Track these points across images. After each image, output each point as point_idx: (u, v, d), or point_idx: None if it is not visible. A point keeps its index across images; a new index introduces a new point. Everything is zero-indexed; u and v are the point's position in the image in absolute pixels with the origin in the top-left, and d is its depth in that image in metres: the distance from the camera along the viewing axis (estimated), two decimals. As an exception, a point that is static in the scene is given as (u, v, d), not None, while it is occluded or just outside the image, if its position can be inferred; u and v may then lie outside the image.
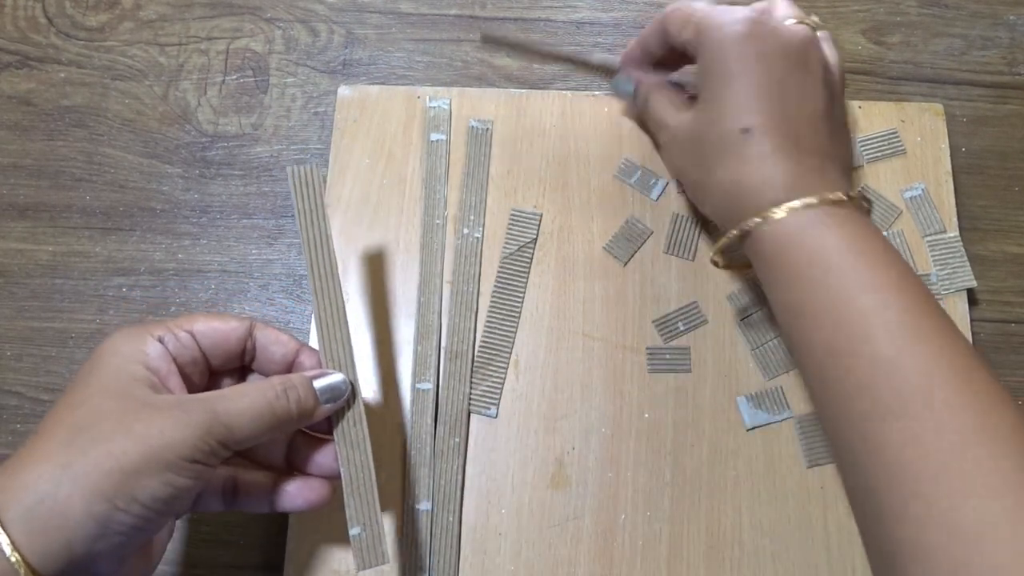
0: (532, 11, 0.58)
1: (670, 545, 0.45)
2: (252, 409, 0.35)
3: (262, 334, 0.39)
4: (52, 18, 0.57)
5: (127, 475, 0.31)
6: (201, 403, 0.34)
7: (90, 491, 0.30)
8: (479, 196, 0.52)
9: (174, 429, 0.32)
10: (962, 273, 0.50)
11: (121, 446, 0.31)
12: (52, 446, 0.32)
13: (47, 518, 0.30)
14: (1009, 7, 0.58)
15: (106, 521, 0.31)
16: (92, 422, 0.32)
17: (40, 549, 0.30)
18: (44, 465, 0.31)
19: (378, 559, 0.38)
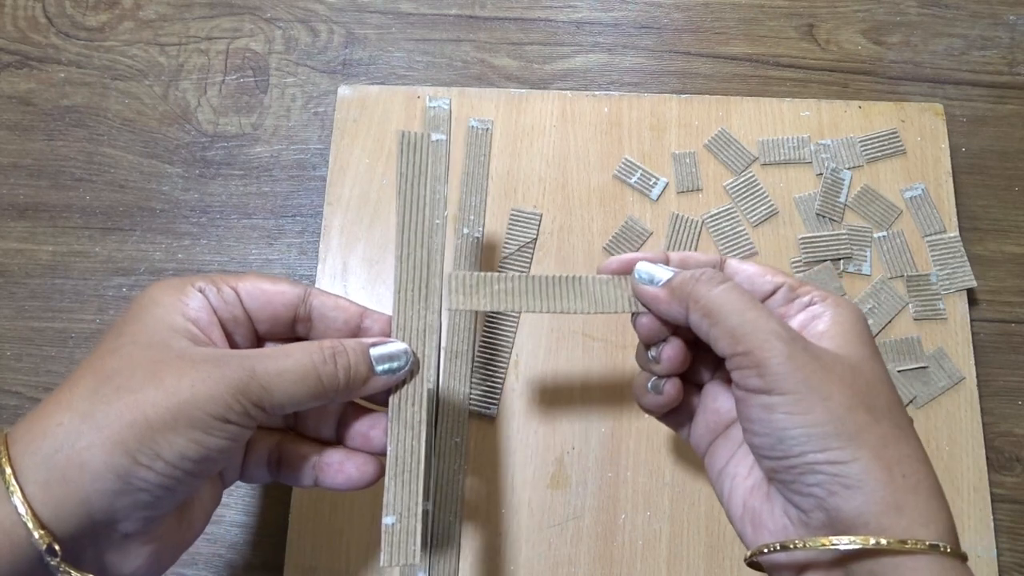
0: (532, 11, 0.58)
1: (670, 545, 0.45)
2: (295, 371, 0.31)
3: (319, 300, 0.35)
4: (52, 18, 0.57)
5: (152, 429, 0.28)
6: (239, 359, 0.31)
7: (111, 442, 0.28)
8: (479, 196, 0.52)
9: (206, 384, 0.30)
10: (962, 273, 0.50)
11: (149, 398, 0.29)
12: (76, 394, 0.29)
13: (64, 468, 0.28)
14: (1009, 7, 0.58)
15: (127, 476, 0.28)
16: (121, 371, 0.30)
17: (55, 501, 0.28)
18: (65, 413, 0.29)
19: (407, 556, 0.33)
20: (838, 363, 0.31)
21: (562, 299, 0.37)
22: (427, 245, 0.37)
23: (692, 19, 0.58)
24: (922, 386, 0.48)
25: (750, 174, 0.52)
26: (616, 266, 0.37)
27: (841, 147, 0.52)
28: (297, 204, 0.53)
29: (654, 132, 0.53)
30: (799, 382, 0.30)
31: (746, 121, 0.53)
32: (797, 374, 0.30)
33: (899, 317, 0.49)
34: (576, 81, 0.56)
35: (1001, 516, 0.47)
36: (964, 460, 0.47)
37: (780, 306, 0.35)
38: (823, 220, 0.51)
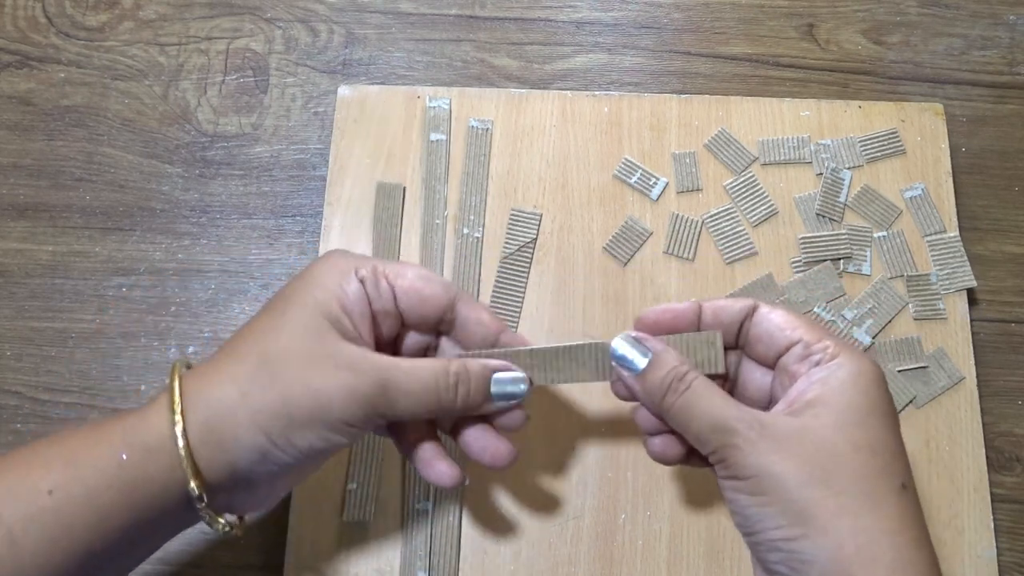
0: (532, 11, 0.58)
1: (670, 545, 0.45)
2: (420, 392, 0.35)
3: (464, 308, 0.38)
4: (52, 18, 0.57)
5: (292, 424, 0.33)
6: (376, 372, 0.34)
7: (258, 426, 0.33)
8: (479, 196, 0.52)
9: (343, 392, 0.33)
10: (962, 273, 0.50)
11: (296, 394, 0.33)
12: (241, 370, 0.34)
13: (219, 435, 0.33)
14: (1009, 7, 0.58)
15: (266, 454, 0.33)
16: (279, 357, 0.34)
17: (208, 458, 0.33)
18: (229, 387, 0.33)
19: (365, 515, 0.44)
20: (801, 439, 0.32)
21: (560, 370, 0.38)
22: None
23: (692, 19, 0.58)
24: (922, 386, 0.48)
25: (750, 174, 0.52)
26: (652, 319, 0.38)
27: (841, 147, 0.52)
28: (297, 204, 0.53)
29: (654, 132, 0.53)
30: (756, 467, 0.32)
31: (746, 121, 0.53)
32: (754, 460, 0.32)
33: (899, 317, 0.49)
34: (576, 81, 0.56)
35: (1001, 516, 0.47)
36: (964, 460, 0.47)
37: (793, 363, 0.35)
38: (823, 220, 0.51)
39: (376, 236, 0.50)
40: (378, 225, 0.50)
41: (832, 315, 0.49)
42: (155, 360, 0.50)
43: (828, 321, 0.49)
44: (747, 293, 0.50)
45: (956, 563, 0.45)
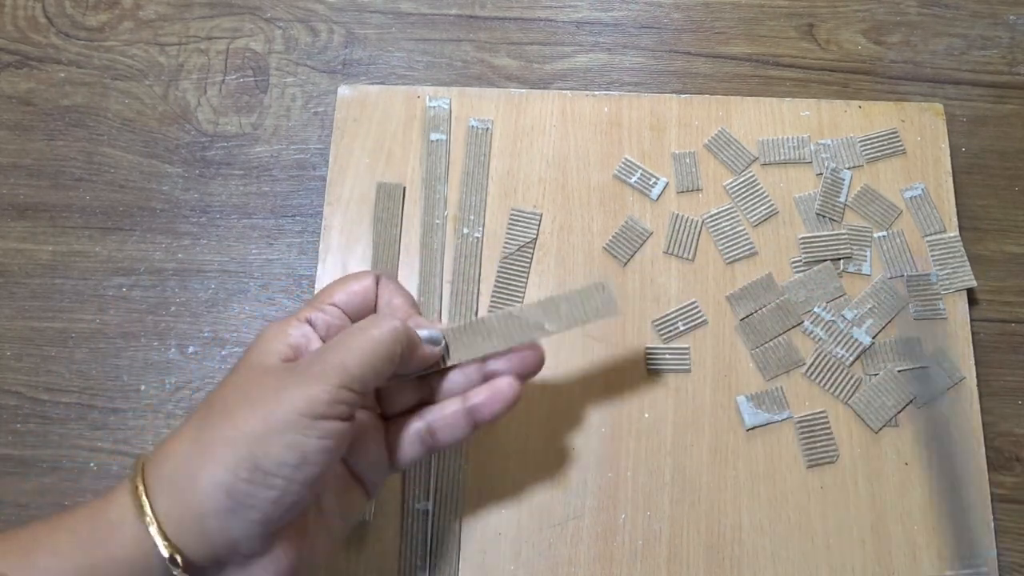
0: (532, 11, 0.58)
1: (670, 545, 0.45)
2: (359, 346, 0.33)
3: (383, 290, 0.38)
4: (52, 18, 0.57)
5: (249, 442, 0.30)
6: (313, 355, 0.33)
7: (214, 460, 0.30)
8: (479, 196, 0.52)
9: (288, 387, 0.32)
10: (962, 273, 0.50)
11: (243, 416, 0.31)
12: (190, 423, 0.32)
13: (181, 489, 0.30)
14: (1009, 7, 0.58)
15: (232, 492, 0.30)
16: (222, 398, 0.33)
17: (176, 518, 0.30)
18: (180, 439, 0.32)
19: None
20: None
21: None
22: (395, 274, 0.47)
23: (692, 19, 0.58)
24: (922, 386, 0.48)
25: (750, 174, 0.52)
26: None
27: (841, 147, 0.52)
28: (297, 204, 0.53)
29: (654, 132, 0.53)
30: None
31: (746, 121, 0.53)
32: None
33: (899, 317, 0.49)
34: (576, 81, 0.56)
35: (1001, 516, 0.47)
36: (964, 460, 0.47)
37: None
38: (823, 220, 0.51)
39: (376, 236, 0.50)
40: (378, 225, 0.50)
41: (832, 315, 0.49)
42: (155, 360, 0.50)
43: (828, 321, 0.49)
44: (747, 293, 0.50)
45: (956, 563, 0.45)
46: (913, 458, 0.47)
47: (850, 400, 0.48)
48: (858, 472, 0.47)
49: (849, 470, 0.47)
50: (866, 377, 0.48)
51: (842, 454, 0.47)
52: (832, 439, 0.47)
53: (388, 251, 0.50)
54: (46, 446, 0.48)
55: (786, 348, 0.49)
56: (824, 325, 0.49)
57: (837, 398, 0.48)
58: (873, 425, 0.47)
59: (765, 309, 0.49)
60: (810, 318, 0.49)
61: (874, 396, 0.48)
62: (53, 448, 0.48)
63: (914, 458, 0.47)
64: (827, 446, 0.47)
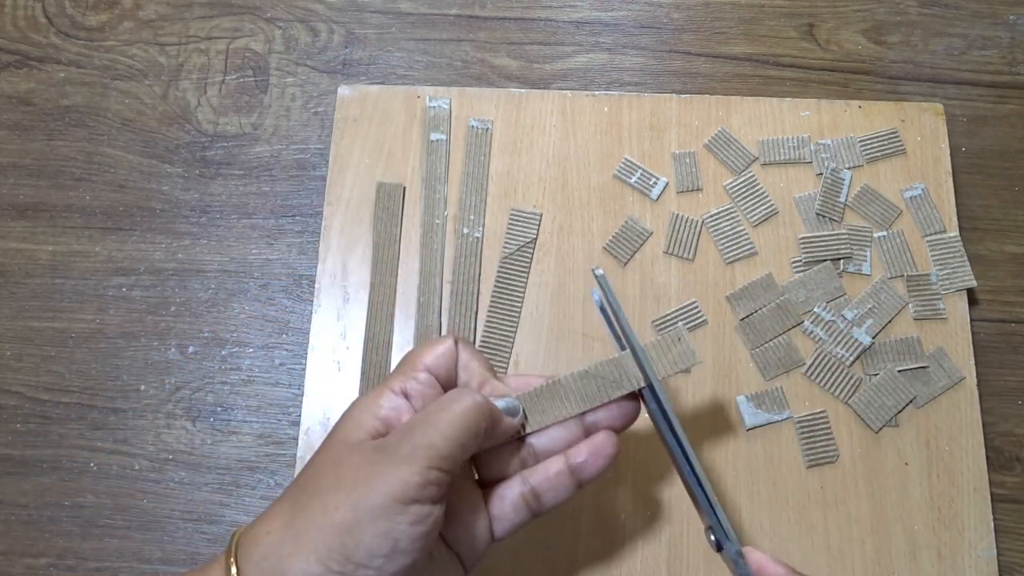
0: (532, 11, 0.58)
1: (670, 545, 0.45)
2: (445, 424, 0.32)
3: (462, 353, 0.37)
4: (52, 18, 0.57)
5: (340, 531, 0.30)
6: (400, 438, 0.32)
7: (306, 551, 0.30)
8: (479, 196, 0.52)
9: (381, 476, 0.30)
10: (962, 273, 0.50)
11: (333, 500, 0.30)
12: (283, 505, 0.32)
13: (272, 574, 0.30)
14: (1009, 7, 0.58)
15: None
16: (313, 478, 0.32)
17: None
18: (273, 522, 0.31)
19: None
20: None
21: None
22: (394, 274, 0.49)
23: (692, 19, 0.58)
24: (922, 386, 0.48)
25: (750, 174, 0.52)
26: None
27: (841, 147, 0.52)
28: (297, 204, 0.53)
29: (654, 132, 0.53)
30: None
31: (746, 121, 0.53)
32: None
33: (899, 317, 0.49)
34: (576, 81, 0.56)
35: (1001, 516, 0.47)
36: (964, 460, 0.47)
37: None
38: (823, 220, 0.51)
39: (376, 236, 0.50)
40: (378, 225, 0.50)
41: (832, 315, 0.49)
42: (155, 360, 0.50)
43: (828, 321, 0.49)
44: (747, 293, 0.50)
45: (956, 563, 0.45)
46: (913, 458, 0.47)
47: (850, 400, 0.48)
48: (858, 472, 0.47)
49: (849, 470, 0.47)
50: (866, 377, 0.48)
51: (842, 454, 0.47)
52: (832, 439, 0.47)
53: (388, 251, 0.50)
54: (46, 446, 0.48)
55: (786, 348, 0.49)
56: (824, 325, 0.49)
57: (837, 398, 0.48)
58: (873, 425, 0.47)
59: (765, 309, 0.49)
60: (810, 318, 0.49)
61: (874, 396, 0.48)
62: (53, 448, 0.48)
63: (914, 458, 0.47)
64: (827, 446, 0.47)
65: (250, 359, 0.50)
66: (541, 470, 0.36)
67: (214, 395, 0.50)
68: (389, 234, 0.50)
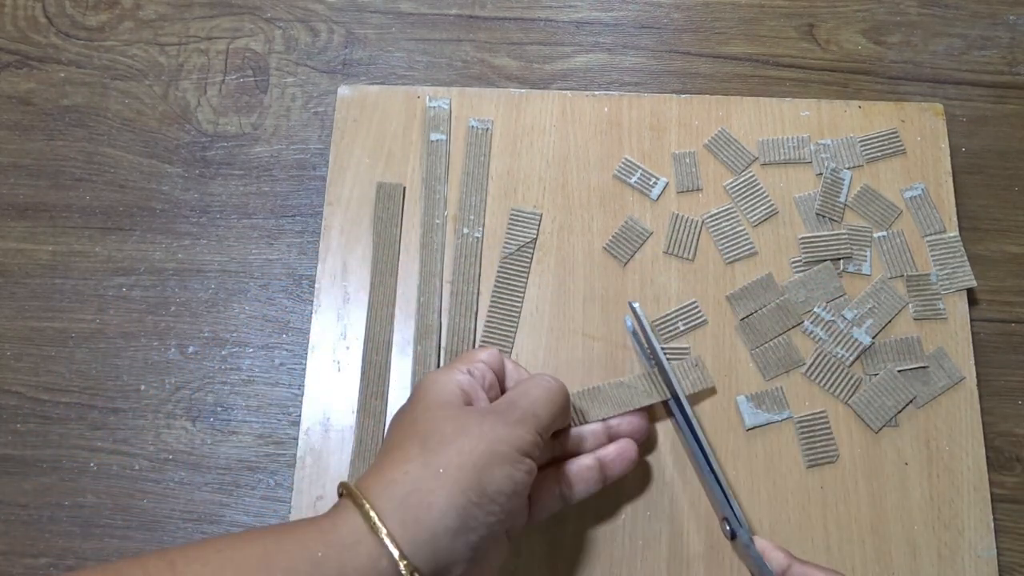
0: (532, 11, 0.58)
1: (670, 545, 0.45)
2: (542, 396, 0.39)
3: (504, 361, 0.43)
4: (52, 18, 0.57)
5: (477, 469, 0.34)
6: (508, 404, 0.38)
7: (450, 483, 0.33)
8: (479, 196, 0.52)
9: (502, 427, 0.36)
10: (962, 273, 0.50)
11: (467, 446, 0.35)
12: (409, 451, 0.35)
13: (416, 509, 0.33)
14: (1009, 7, 0.58)
15: (464, 514, 0.33)
16: (435, 430, 0.36)
17: (411, 537, 0.32)
18: (407, 464, 0.34)
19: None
20: None
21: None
22: (394, 274, 0.50)
23: (692, 19, 0.58)
24: (922, 386, 0.48)
25: (750, 174, 0.52)
26: None
27: (841, 147, 0.52)
28: (297, 204, 0.53)
29: (654, 132, 0.53)
30: None
31: (746, 121, 0.53)
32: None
33: (899, 317, 0.49)
34: (576, 81, 0.56)
35: (1001, 516, 0.47)
36: (964, 460, 0.47)
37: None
38: (823, 220, 0.51)
39: (376, 236, 0.50)
40: (378, 225, 0.50)
41: (832, 315, 0.49)
42: (155, 360, 0.50)
43: (828, 321, 0.49)
44: (747, 293, 0.50)
45: (956, 563, 0.45)
46: (913, 458, 0.47)
47: (850, 400, 0.48)
48: (858, 472, 0.47)
49: (849, 470, 0.47)
50: (866, 377, 0.48)
51: (842, 454, 0.47)
52: (832, 439, 0.47)
53: (388, 251, 0.50)
54: (46, 446, 0.48)
55: (786, 348, 0.49)
56: (824, 325, 0.49)
57: (837, 398, 0.48)
58: (873, 425, 0.47)
59: (765, 309, 0.49)
60: (810, 318, 0.49)
61: (874, 396, 0.48)
62: (53, 448, 0.48)
63: (914, 458, 0.47)
64: (827, 446, 0.47)
65: (250, 359, 0.50)
66: (573, 463, 0.42)
67: (214, 395, 0.50)
68: (389, 234, 0.50)
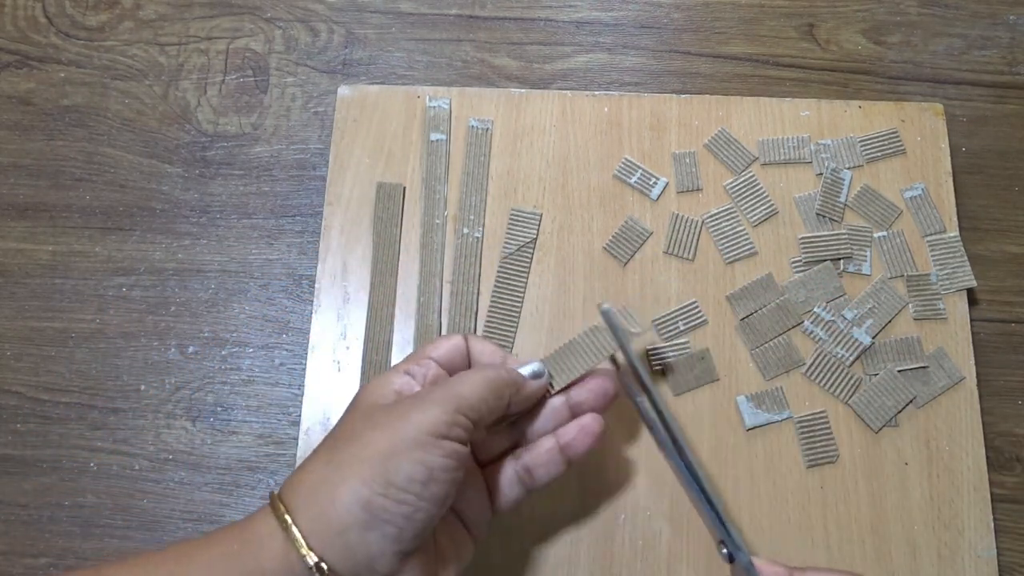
0: (532, 11, 0.58)
1: (670, 545, 0.45)
2: (472, 380, 0.37)
3: (474, 346, 0.41)
4: (52, 18, 0.57)
5: (381, 459, 0.33)
6: (430, 390, 0.37)
7: (351, 476, 0.33)
8: (479, 196, 0.52)
9: (414, 412, 0.35)
10: (962, 273, 0.50)
11: (372, 438, 0.34)
12: (319, 452, 0.36)
13: (323, 504, 0.33)
14: (1009, 7, 0.58)
15: (369, 506, 0.33)
16: (347, 431, 0.36)
17: (321, 533, 0.33)
18: (314, 463, 0.35)
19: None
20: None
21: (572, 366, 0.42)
22: (394, 274, 0.49)
23: (692, 19, 0.58)
24: (922, 386, 0.48)
25: (750, 174, 0.52)
26: None
27: (841, 147, 0.52)
28: (297, 204, 0.53)
29: (654, 132, 0.53)
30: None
31: (746, 121, 0.53)
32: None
33: (899, 317, 0.49)
34: (576, 81, 0.56)
35: (1001, 516, 0.47)
36: (964, 460, 0.47)
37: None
38: (823, 220, 0.51)
39: (376, 236, 0.50)
40: (378, 225, 0.51)
41: (832, 315, 0.49)
42: (155, 360, 0.50)
43: (828, 321, 0.49)
44: (747, 293, 0.50)
45: (956, 563, 0.45)
46: (913, 458, 0.47)
47: (850, 400, 0.48)
48: (858, 472, 0.47)
49: (849, 470, 0.47)
50: (866, 377, 0.48)
51: (842, 454, 0.47)
52: (832, 439, 0.47)
53: (388, 251, 0.50)
54: (46, 446, 0.48)
55: (786, 348, 0.49)
56: (824, 325, 0.49)
57: (837, 398, 0.48)
58: (873, 425, 0.47)
59: (765, 309, 0.49)
60: (810, 318, 0.49)
61: (874, 396, 0.48)
62: (53, 448, 0.48)
63: (914, 458, 0.47)
64: (827, 446, 0.47)
65: (250, 359, 0.50)
66: (533, 448, 0.41)
67: (214, 395, 0.50)
68: (389, 234, 0.50)
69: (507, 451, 0.41)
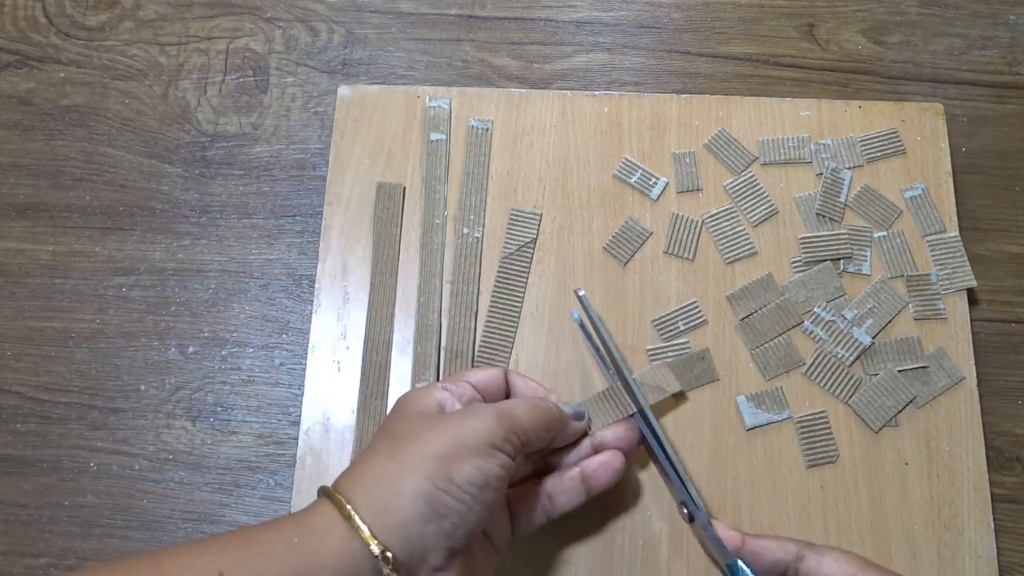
0: (532, 11, 0.58)
1: (670, 545, 0.45)
2: (526, 406, 0.40)
3: (513, 380, 0.44)
4: (52, 18, 0.57)
5: (443, 460, 0.35)
6: (487, 405, 0.39)
7: (414, 471, 0.35)
8: (479, 196, 0.52)
9: (472, 421, 0.37)
10: (962, 273, 0.50)
11: (432, 438, 0.36)
12: (379, 448, 0.37)
13: (384, 497, 0.34)
14: (1009, 7, 0.58)
15: (431, 500, 0.34)
16: (405, 431, 0.37)
17: (380, 523, 0.33)
18: (376, 458, 0.36)
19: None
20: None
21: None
22: (394, 274, 0.50)
23: (692, 19, 0.58)
24: (922, 386, 0.48)
25: (750, 174, 0.52)
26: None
27: (841, 147, 0.52)
28: (297, 204, 0.53)
29: (654, 132, 0.53)
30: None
31: (746, 121, 0.53)
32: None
33: (899, 317, 0.49)
34: (576, 81, 0.56)
35: (1001, 516, 0.47)
36: (964, 460, 0.47)
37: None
38: (823, 220, 0.51)
39: (376, 236, 0.50)
40: (378, 225, 0.51)
41: (832, 315, 0.49)
42: (155, 360, 0.50)
43: (828, 321, 0.49)
44: (747, 293, 0.50)
45: (956, 563, 0.45)
46: (913, 458, 0.47)
47: (850, 400, 0.48)
48: (858, 472, 0.47)
49: (849, 470, 0.47)
50: (866, 377, 0.48)
51: (842, 454, 0.47)
52: (832, 439, 0.47)
53: (388, 251, 0.50)
54: (46, 446, 0.48)
55: (786, 348, 0.49)
56: (824, 325, 0.49)
57: (837, 398, 0.48)
58: (873, 425, 0.47)
59: (765, 309, 0.49)
60: (810, 318, 0.49)
61: (874, 396, 0.48)
62: (53, 448, 0.48)
63: (914, 458, 0.47)
64: (827, 446, 0.47)
65: (250, 359, 0.50)
66: (556, 477, 0.43)
67: (214, 395, 0.50)
68: (389, 234, 0.50)
69: (527, 478, 0.43)
